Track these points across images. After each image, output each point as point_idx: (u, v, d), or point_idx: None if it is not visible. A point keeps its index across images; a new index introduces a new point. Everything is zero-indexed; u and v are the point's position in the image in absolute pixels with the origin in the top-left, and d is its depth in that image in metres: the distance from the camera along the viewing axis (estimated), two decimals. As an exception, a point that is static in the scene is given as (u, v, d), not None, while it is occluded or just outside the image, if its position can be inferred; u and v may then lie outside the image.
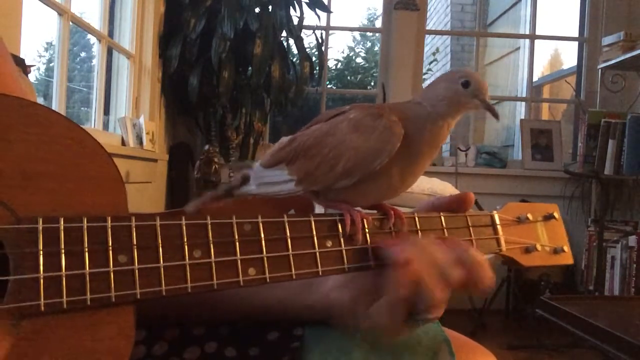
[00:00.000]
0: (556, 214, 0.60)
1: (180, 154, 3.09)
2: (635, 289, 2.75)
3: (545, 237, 0.58)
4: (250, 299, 0.54)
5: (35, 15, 1.99)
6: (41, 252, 0.37)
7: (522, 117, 3.61)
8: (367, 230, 0.48)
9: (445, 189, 2.55)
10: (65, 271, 0.37)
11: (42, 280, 0.36)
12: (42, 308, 0.36)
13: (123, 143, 2.51)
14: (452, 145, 5.06)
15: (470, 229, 0.54)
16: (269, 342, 0.54)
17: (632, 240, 2.82)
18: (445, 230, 0.52)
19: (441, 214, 0.52)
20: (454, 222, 0.53)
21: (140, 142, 2.57)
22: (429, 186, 2.48)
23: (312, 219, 0.46)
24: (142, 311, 0.41)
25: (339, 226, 0.47)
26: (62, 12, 2.10)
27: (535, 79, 3.87)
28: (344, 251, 0.47)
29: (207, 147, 2.71)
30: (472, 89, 0.49)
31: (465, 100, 0.49)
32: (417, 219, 0.51)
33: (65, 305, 0.37)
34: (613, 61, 3.00)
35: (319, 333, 0.54)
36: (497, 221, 0.56)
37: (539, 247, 0.57)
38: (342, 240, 0.47)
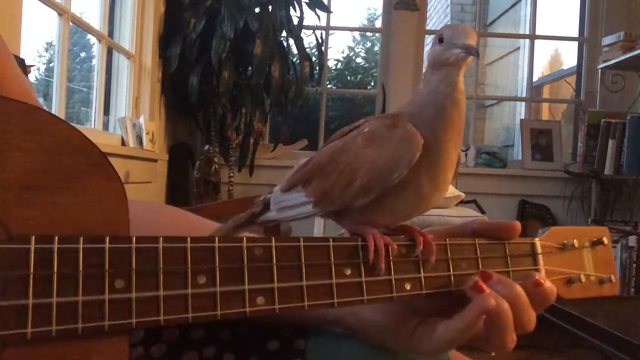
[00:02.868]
0: (605, 240, 0.55)
1: (180, 154, 3.09)
2: (635, 289, 2.75)
3: (591, 266, 0.54)
4: None
5: (35, 15, 1.99)
6: (32, 276, 0.34)
7: (522, 117, 3.62)
8: (391, 258, 0.44)
9: (445, 189, 2.55)
10: (56, 297, 0.34)
11: (30, 307, 0.33)
12: (29, 337, 0.33)
13: (123, 143, 2.51)
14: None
15: (508, 258, 0.49)
16: (268, 352, 0.53)
17: (632, 240, 2.82)
18: (479, 259, 0.48)
19: (476, 241, 0.48)
20: (489, 250, 0.48)
21: (140, 142, 2.57)
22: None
23: (330, 243, 0.43)
24: None
25: (360, 253, 0.43)
26: (62, 12, 2.10)
27: (535, 79, 3.87)
28: (363, 281, 0.43)
29: (207, 147, 2.72)
30: (446, 40, 0.45)
31: (445, 55, 0.44)
32: (448, 246, 0.46)
33: (54, 334, 0.34)
34: (613, 61, 3.00)
35: (321, 346, 0.52)
36: (539, 250, 0.51)
37: (583, 277, 0.53)
38: (362, 269, 0.43)
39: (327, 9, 3.32)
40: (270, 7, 2.87)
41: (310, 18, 3.11)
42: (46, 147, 0.35)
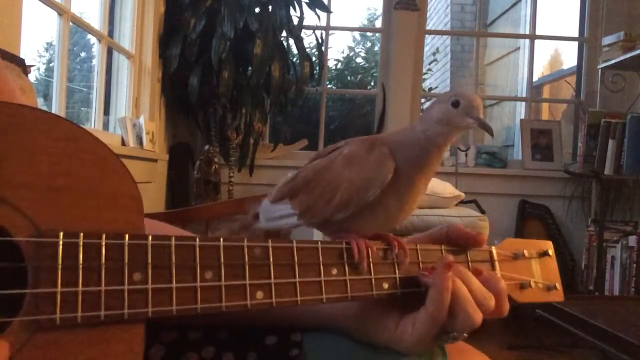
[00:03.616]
0: (550, 251, 0.62)
1: (180, 154, 3.09)
2: (635, 289, 2.75)
3: (539, 274, 0.60)
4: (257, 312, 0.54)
5: (35, 15, 1.99)
6: (60, 267, 0.37)
7: (522, 117, 3.62)
8: (371, 260, 0.49)
9: (445, 189, 2.56)
10: (81, 287, 0.38)
11: (59, 295, 0.37)
12: (58, 322, 0.37)
13: (123, 143, 2.51)
14: (452, 146, 5.06)
15: (469, 263, 0.55)
16: (267, 347, 0.54)
17: (632, 240, 2.82)
18: None
19: (442, 247, 0.54)
20: (454, 256, 0.54)
21: (140, 142, 2.57)
22: (429, 186, 2.48)
23: (319, 245, 0.48)
24: None
25: (345, 255, 0.49)
26: (62, 12, 2.10)
27: (535, 79, 3.87)
28: (347, 280, 0.48)
29: (207, 147, 2.72)
30: (462, 107, 0.50)
31: (456, 120, 0.50)
32: (418, 251, 0.53)
33: (79, 320, 0.37)
34: (613, 61, 3.00)
35: (317, 340, 0.54)
36: (495, 257, 0.58)
37: (532, 283, 0.59)
38: (346, 268, 0.48)
39: (327, 9, 3.32)
40: (270, 7, 2.87)
41: (310, 18, 3.11)
42: (70, 153, 0.39)
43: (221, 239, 0.43)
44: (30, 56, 3.08)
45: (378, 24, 5.40)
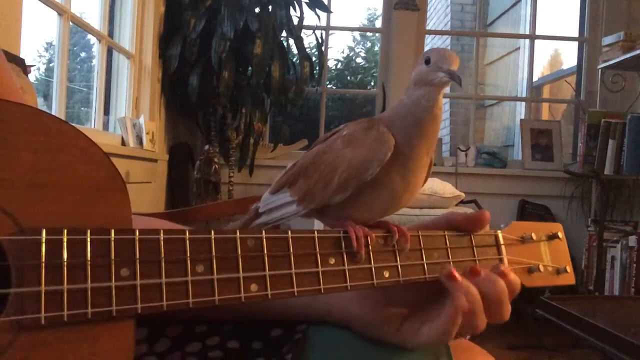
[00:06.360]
0: (560, 234, 0.60)
1: (180, 154, 3.09)
2: (635, 289, 2.75)
3: (549, 257, 0.58)
4: (255, 304, 0.54)
5: (35, 15, 1.99)
6: (43, 265, 0.36)
7: (522, 117, 3.62)
8: (370, 248, 0.48)
9: (445, 189, 2.56)
10: (67, 284, 0.37)
11: (43, 294, 0.36)
12: (43, 321, 0.36)
13: (123, 143, 2.51)
14: (452, 145, 5.06)
15: (474, 249, 0.53)
16: (272, 337, 0.55)
17: (632, 240, 2.82)
18: (449, 249, 0.52)
19: (445, 232, 0.52)
20: (457, 241, 0.53)
21: (140, 142, 2.57)
22: (429, 186, 2.48)
23: (315, 235, 0.46)
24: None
25: (342, 243, 0.47)
26: (62, 12, 2.10)
27: (535, 79, 3.87)
28: (346, 269, 0.47)
29: (207, 147, 2.72)
30: (433, 63, 0.49)
31: (431, 77, 0.49)
32: (420, 237, 0.51)
33: (65, 319, 0.36)
34: (613, 61, 3.00)
35: (321, 328, 0.54)
36: (501, 241, 0.56)
37: (541, 267, 0.57)
38: (345, 257, 0.47)
39: (327, 9, 3.32)
40: (270, 7, 2.87)
41: (310, 18, 3.11)
42: (51, 147, 0.38)
43: (212, 232, 0.42)
44: (30, 56, 3.07)
45: (378, 24, 5.39)
